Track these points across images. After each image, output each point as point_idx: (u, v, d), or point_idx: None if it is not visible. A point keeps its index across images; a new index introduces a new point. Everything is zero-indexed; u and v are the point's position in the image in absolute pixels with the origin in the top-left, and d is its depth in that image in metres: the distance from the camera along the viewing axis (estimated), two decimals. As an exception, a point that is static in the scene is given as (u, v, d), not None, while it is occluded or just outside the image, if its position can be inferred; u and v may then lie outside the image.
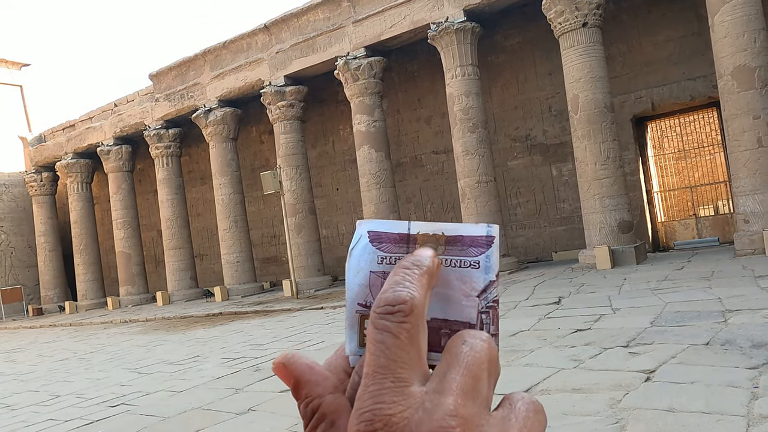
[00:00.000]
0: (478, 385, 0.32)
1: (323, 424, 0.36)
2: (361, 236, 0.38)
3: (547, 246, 16.45)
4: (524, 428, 0.32)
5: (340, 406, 0.36)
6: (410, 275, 0.35)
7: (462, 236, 0.39)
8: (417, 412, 0.31)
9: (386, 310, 0.33)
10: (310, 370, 0.38)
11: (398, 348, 0.32)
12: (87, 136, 23.05)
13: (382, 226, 0.40)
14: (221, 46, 18.76)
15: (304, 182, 17.72)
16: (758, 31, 11.06)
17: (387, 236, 0.39)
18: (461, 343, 0.35)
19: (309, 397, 0.37)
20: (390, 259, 0.38)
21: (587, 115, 12.76)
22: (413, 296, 0.34)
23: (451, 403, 0.31)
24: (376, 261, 0.38)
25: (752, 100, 11.04)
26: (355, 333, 0.39)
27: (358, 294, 0.39)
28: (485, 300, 0.39)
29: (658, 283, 8.99)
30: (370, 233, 0.39)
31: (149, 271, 24.35)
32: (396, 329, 0.33)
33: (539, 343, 5.89)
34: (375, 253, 0.38)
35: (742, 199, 11.36)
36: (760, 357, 4.34)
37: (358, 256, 0.38)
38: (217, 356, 8.29)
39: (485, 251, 0.39)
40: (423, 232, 0.39)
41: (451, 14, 14.36)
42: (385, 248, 0.38)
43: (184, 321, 14.83)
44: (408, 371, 0.32)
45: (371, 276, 0.39)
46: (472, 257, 0.39)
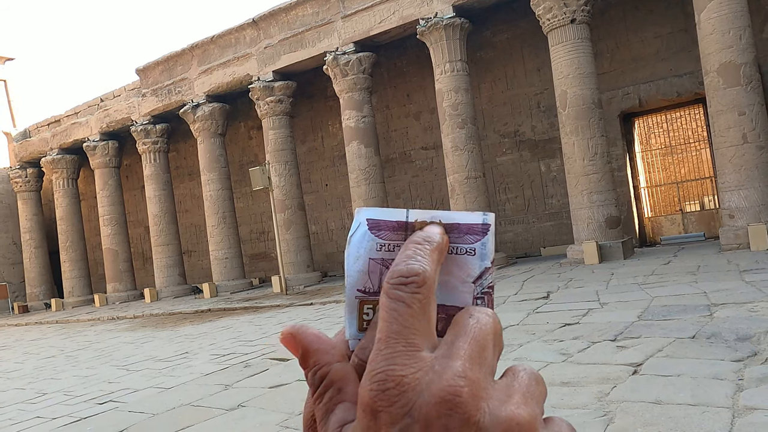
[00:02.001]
0: (484, 353, 0.34)
1: (330, 391, 0.37)
2: (360, 224, 0.38)
3: (536, 241, 16.54)
4: (527, 394, 0.34)
5: (347, 373, 0.37)
6: (422, 250, 0.37)
7: (459, 224, 0.40)
8: (427, 374, 0.32)
9: (400, 281, 0.35)
10: (318, 339, 0.39)
11: (411, 316, 0.34)
12: (73, 132, 22.79)
13: (380, 213, 0.40)
14: (209, 40, 18.62)
15: (293, 178, 17.66)
16: (744, 28, 11.17)
17: (385, 224, 0.40)
18: (468, 317, 0.36)
19: (317, 365, 0.38)
20: (388, 246, 0.39)
21: (575, 111, 12.83)
22: (425, 269, 0.35)
23: (460, 366, 0.32)
24: (375, 248, 0.39)
25: (738, 96, 11.15)
26: (354, 318, 0.40)
27: (358, 280, 0.39)
28: (480, 286, 0.40)
29: (645, 277, 9.08)
30: (369, 221, 0.39)
31: (137, 268, 24.17)
32: (409, 299, 0.34)
33: (528, 337, 5.92)
34: (374, 241, 0.38)
35: (727, 195, 11.49)
36: (744, 350, 4.40)
37: (357, 244, 0.39)
38: (205, 353, 8.25)
39: (481, 239, 0.40)
40: (421, 219, 0.40)
41: (441, 10, 14.35)
42: (384, 235, 0.39)
43: (172, 318, 14.75)
44: (419, 338, 0.34)
45: (370, 263, 0.39)
46: (469, 244, 0.40)
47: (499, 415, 0.31)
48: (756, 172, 11.08)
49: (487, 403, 0.32)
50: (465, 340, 0.34)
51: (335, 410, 0.36)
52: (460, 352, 0.33)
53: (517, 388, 0.34)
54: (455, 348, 0.34)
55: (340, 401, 0.36)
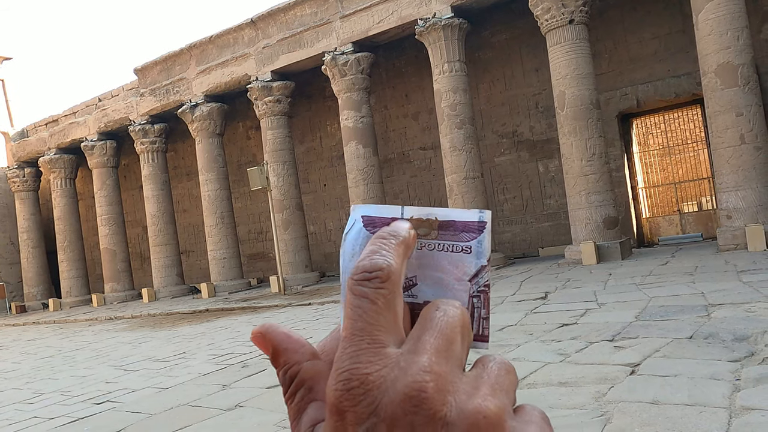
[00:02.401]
0: (451, 347, 0.33)
1: (302, 390, 0.36)
2: (356, 221, 0.38)
3: (534, 242, 16.55)
4: (495, 385, 0.33)
5: (317, 372, 0.37)
6: (387, 244, 0.36)
7: (454, 221, 0.40)
8: (393, 370, 0.32)
9: (363, 277, 0.34)
10: (288, 338, 0.39)
11: (375, 312, 0.33)
12: (70, 131, 22.75)
13: (376, 210, 0.40)
14: (207, 40, 18.61)
15: (291, 178, 17.65)
16: (741, 29, 11.19)
17: (381, 221, 0.40)
18: (435, 310, 0.35)
19: (287, 364, 0.37)
20: None
21: (573, 111, 12.84)
22: (390, 263, 0.34)
23: (425, 360, 0.32)
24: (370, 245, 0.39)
25: (735, 97, 11.18)
26: None
27: None
28: (476, 284, 0.40)
29: (642, 278, 9.09)
30: (364, 218, 0.39)
31: (134, 268, 24.14)
32: (373, 295, 0.33)
33: (526, 337, 5.93)
34: (369, 238, 0.38)
35: (725, 195, 11.51)
36: (741, 350, 4.41)
37: (353, 241, 0.39)
38: (203, 353, 8.25)
39: (477, 236, 0.40)
40: (416, 216, 0.40)
41: (439, 10, 14.36)
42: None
43: (170, 318, 14.74)
44: (384, 334, 0.33)
45: None
46: (464, 242, 0.39)
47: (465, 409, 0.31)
48: (753, 172, 11.11)
49: (454, 397, 0.31)
50: (431, 334, 0.33)
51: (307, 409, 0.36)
52: (426, 346, 0.33)
53: (485, 380, 0.33)
54: (421, 342, 0.33)
55: (312, 400, 0.36)
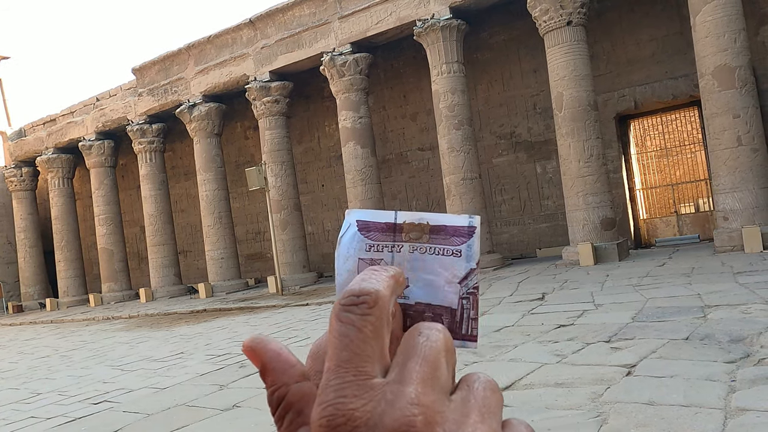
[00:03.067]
0: (437, 373, 0.33)
1: (290, 414, 0.35)
2: (350, 225, 0.40)
3: (532, 242, 16.58)
4: (483, 408, 0.33)
5: (305, 395, 0.36)
6: (377, 274, 0.36)
7: (445, 226, 0.41)
8: (379, 404, 0.31)
9: (351, 301, 0.34)
10: (277, 356, 0.37)
11: (361, 341, 0.33)
12: (68, 131, 22.72)
13: (370, 215, 0.41)
14: (206, 40, 18.60)
15: (289, 178, 17.65)
16: (738, 31, 11.23)
17: (375, 225, 0.41)
18: (417, 335, 0.35)
19: (274, 385, 0.37)
20: (377, 246, 0.40)
21: (571, 113, 12.87)
22: (378, 289, 0.34)
23: (412, 391, 0.31)
24: (365, 248, 0.40)
25: (732, 99, 11.21)
26: None
27: (347, 279, 0.41)
28: (466, 286, 0.41)
29: (639, 279, 9.12)
30: (359, 222, 0.40)
31: (132, 268, 24.11)
32: (360, 322, 0.33)
33: (523, 338, 5.94)
34: (363, 241, 0.39)
35: (722, 197, 11.54)
36: (737, 351, 4.43)
37: (347, 244, 0.40)
38: (201, 353, 8.25)
39: (467, 241, 0.41)
40: (409, 221, 0.41)
41: (437, 11, 14.38)
42: (373, 236, 0.40)
43: (167, 318, 14.72)
44: (370, 365, 0.32)
45: (359, 263, 0.41)
46: (455, 246, 0.41)
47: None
48: (750, 174, 11.14)
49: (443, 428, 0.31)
50: (416, 362, 0.33)
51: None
52: (412, 375, 0.32)
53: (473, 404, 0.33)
54: (407, 371, 0.32)
55: (301, 424, 0.35)
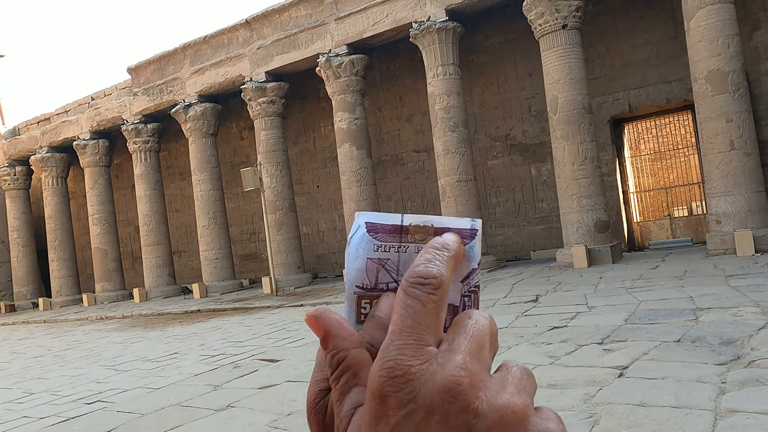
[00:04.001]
0: (482, 351, 0.38)
1: (347, 375, 0.40)
2: (360, 226, 0.43)
3: (526, 245, 16.63)
4: (519, 385, 0.38)
5: (363, 360, 0.41)
6: (440, 255, 0.40)
7: (449, 228, 0.44)
8: (432, 365, 0.36)
9: (418, 281, 0.38)
10: (339, 325, 0.42)
11: (424, 314, 0.38)
12: (63, 130, 22.64)
13: (378, 218, 0.44)
14: (202, 40, 18.59)
15: (284, 179, 17.65)
16: (732, 36, 11.32)
17: (382, 227, 0.44)
18: (467, 318, 0.40)
19: (335, 349, 0.41)
20: (385, 247, 0.43)
21: (566, 116, 12.93)
22: (442, 273, 0.39)
23: (461, 359, 0.36)
24: (373, 249, 0.43)
25: (725, 103, 11.30)
26: (353, 311, 0.45)
27: (356, 277, 0.44)
28: (468, 285, 0.45)
29: (632, 281, 9.17)
30: (368, 224, 0.44)
31: (126, 268, 24.03)
32: (425, 298, 0.38)
33: (517, 339, 5.98)
34: (371, 242, 0.43)
35: (714, 201, 11.63)
36: (728, 353, 4.47)
37: (357, 244, 0.43)
38: (195, 353, 8.24)
39: (469, 242, 0.44)
40: (414, 223, 0.44)
41: (433, 14, 14.42)
42: (381, 237, 0.43)
43: (161, 318, 14.69)
44: (428, 335, 0.37)
45: (368, 262, 0.44)
46: None
47: (495, 403, 0.35)
48: (743, 178, 11.23)
49: (485, 393, 0.35)
50: (465, 338, 0.38)
51: (350, 393, 0.40)
52: (462, 347, 0.37)
53: (510, 381, 0.38)
54: (456, 344, 0.37)
55: (355, 384, 0.40)
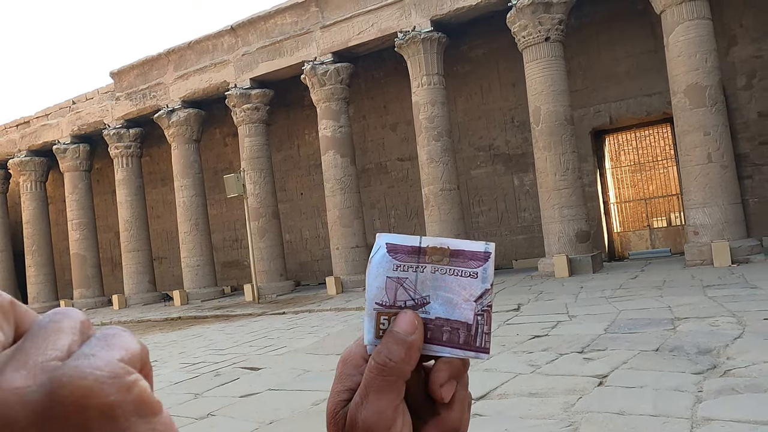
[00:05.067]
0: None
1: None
2: (380, 246, 0.46)
3: (508, 254, 16.75)
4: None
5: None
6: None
7: (464, 251, 0.48)
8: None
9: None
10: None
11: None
12: (42, 134, 22.33)
13: (397, 239, 0.48)
14: (186, 46, 18.50)
15: (268, 186, 17.58)
16: (710, 51, 11.59)
17: (402, 248, 0.47)
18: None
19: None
20: (403, 267, 0.47)
21: (548, 127, 13.09)
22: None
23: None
24: (392, 268, 0.47)
25: (703, 117, 11.54)
26: (372, 327, 0.48)
27: (377, 295, 0.48)
28: (481, 304, 0.48)
29: (612, 291, 9.29)
30: (388, 245, 0.47)
31: (105, 274, 23.68)
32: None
33: (498, 348, 6.01)
34: (391, 262, 0.46)
35: (692, 212, 11.84)
36: (704, 363, 4.55)
37: (378, 263, 0.46)
38: (175, 361, 8.15)
39: (483, 264, 0.48)
40: (431, 245, 0.46)
41: (419, 24, 14.54)
42: (400, 258, 0.46)
43: (141, 325, 14.50)
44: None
45: (387, 280, 0.47)
46: (472, 269, 0.48)
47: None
48: (720, 190, 11.46)
49: None
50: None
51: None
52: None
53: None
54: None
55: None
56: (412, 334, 0.45)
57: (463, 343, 0.47)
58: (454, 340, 0.47)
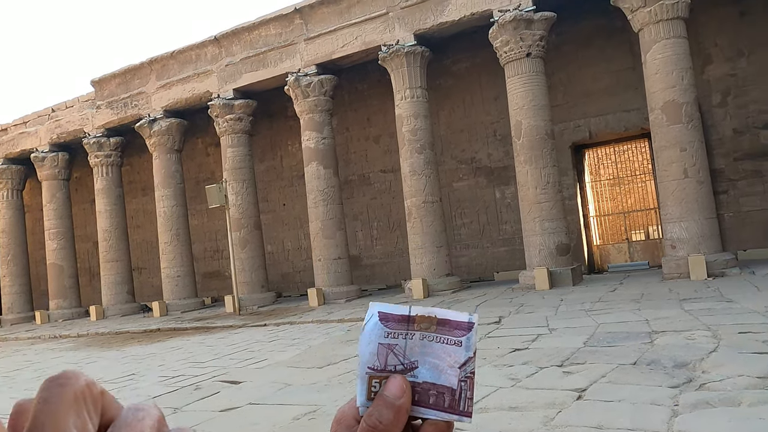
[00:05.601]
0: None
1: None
2: (373, 315, 0.50)
3: (490, 266, 16.86)
4: None
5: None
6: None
7: (449, 320, 0.52)
8: None
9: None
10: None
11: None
12: (20, 142, 22.00)
13: (389, 308, 0.52)
14: (169, 55, 18.42)
15: (250, 197, 17.51)
16: (686, 69, 11.87)
17: (392, 316, 0.51)
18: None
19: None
20: (394, 334, 0.51)
21: (529, 141, 13.27)
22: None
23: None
24: (383, 335, 0.51)
25: (679, 133, 11.79)
26: (364, 389, 0.52)
27: (369, 359, 0.52)
28: (464, 371, 0.52)
29: (592, 304, 9.40)
30: (380, 313, 0.51)
31: (83, 284, 23.30)
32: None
33: (480, 362, 6.05)
34: (383, 329, 0.50)
35: (669, 226, 12.06)
36: (681, 376, 4.63)
37: (370, 331, 0.51)
38: (154, 374, 8.04)
39: (467, 334, 0.52)
40: (420, 314, 0.49)
41: (402, 37, 14.68)
42: (390, 326, 0.51)
43: (119, 337, 14.28)
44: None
45: (379, 346, 0.52)
46: (457, 337, 0.52)
47: None
48: (696, 205, 11.69)
49: None
50: None
51: None
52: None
53: None
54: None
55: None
56: (400, 398, 0.49)
57: (447, 407, 0.51)
58: (440, 404, 0.51)
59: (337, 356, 7.39)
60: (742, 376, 4.38)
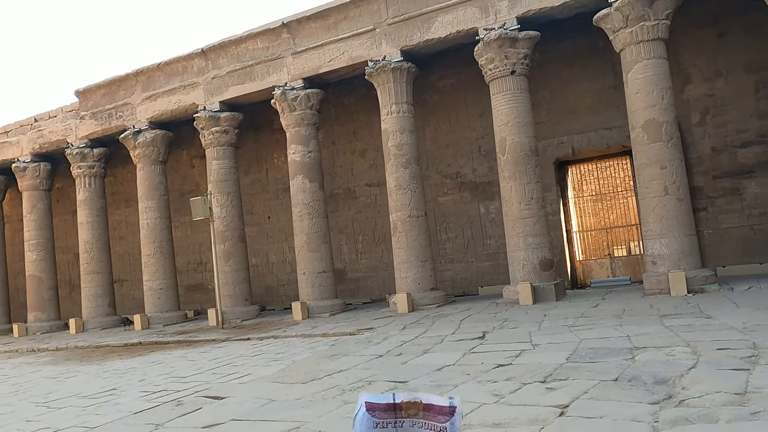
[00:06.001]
0: None
1: None
2: (361, 405, 0.55)
3: (474, 280, 16.94)
4: None
5: None
6: None
7: (433, 405, 0.56)
8: None
9: None
10: None
11: None
12: (1, 151, 21.71)
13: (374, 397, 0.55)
14: (155, 67, 18.39)
15: (235, 209, 17.45)
16: (666, 89, 12.14)
17: (378, 405, 0.54)
18: None
19: None
20: (383, 423, 0.55)
21: (514, 157, 13.43)
22: None
23: None
24: (373, 426, 0.56)
25: (660, 151, 12.03)
26: None
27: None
28: None
29: (575, 319, 9.48)
30: (367, 403, 0.56)
31: (62, 297, 22.93)
32: None
33: (463, 378, 6.07)
34: (371, 420, 0.55)
35: (650, 242, 12.24)
36: (661, 393, 4.70)
37: (360, 421, 0.55)
38: (135, 389, 7.94)
39: (450, 419, 0.57)
40: (405, 400, 0.53)
41: (389, 53, 14.83)
42: (378, 415, 0.55)
43: (99, 351, 14.06)
44: None
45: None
46: (441, 423, 0.56)
47: None
48: (676, 222, 11.90)
49: None
50: None
51: None
52: None
53: None
54: None
55: None
56: None
57: None
58: None
59: (322, 371, 7.37)
60: (720, 393, 4.46)
